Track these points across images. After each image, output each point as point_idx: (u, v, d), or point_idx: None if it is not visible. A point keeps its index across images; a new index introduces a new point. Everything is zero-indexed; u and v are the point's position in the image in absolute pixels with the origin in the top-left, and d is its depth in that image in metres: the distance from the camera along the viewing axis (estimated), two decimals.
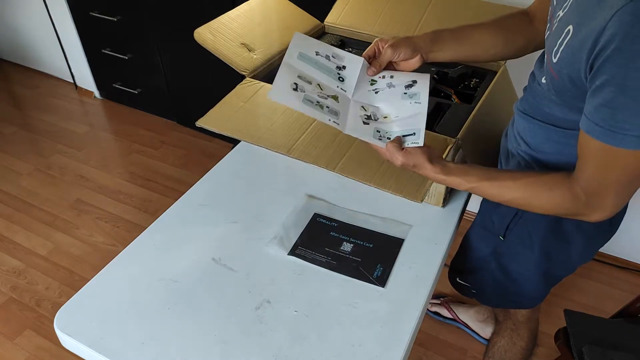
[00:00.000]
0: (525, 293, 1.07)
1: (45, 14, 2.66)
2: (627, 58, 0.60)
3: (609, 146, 0.66)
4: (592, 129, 0.67)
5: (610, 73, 0.62)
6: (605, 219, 0.76)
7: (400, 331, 0.79)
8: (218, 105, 1.12)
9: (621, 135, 0.64)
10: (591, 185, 0.73)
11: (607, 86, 0.63)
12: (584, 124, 0.69)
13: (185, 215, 0.99)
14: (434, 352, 1.63)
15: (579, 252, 0.96)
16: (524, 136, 0.90)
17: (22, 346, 1.65)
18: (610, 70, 0.62)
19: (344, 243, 0.93)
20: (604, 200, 0.73)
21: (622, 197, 0.73)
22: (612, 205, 0.74)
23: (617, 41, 0.60)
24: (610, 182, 0.71)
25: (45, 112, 2.78)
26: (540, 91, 0.83)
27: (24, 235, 2.05)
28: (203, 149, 2.51)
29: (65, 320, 0.81)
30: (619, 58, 0.61)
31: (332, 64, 0.96)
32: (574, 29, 0.69)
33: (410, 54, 0.95)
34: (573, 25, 0.70)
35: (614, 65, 0.62)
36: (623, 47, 0.60)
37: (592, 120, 0.67)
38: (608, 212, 0.75)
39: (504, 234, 0.99)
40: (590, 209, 0.75)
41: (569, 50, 0.70)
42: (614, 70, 0.62)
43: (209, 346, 0.77)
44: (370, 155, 1.02)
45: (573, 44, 0.69)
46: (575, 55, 0.68)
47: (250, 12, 1.32)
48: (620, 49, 0.60)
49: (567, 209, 0.77)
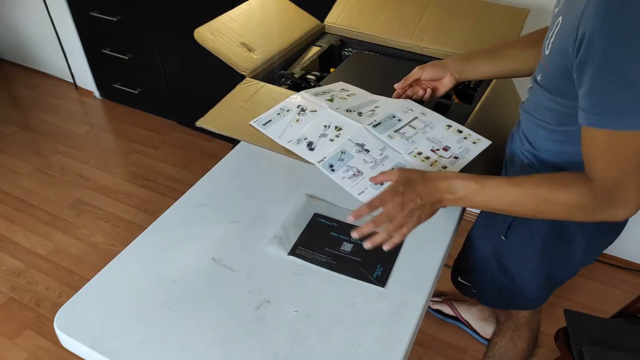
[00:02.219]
0: (525, 294, 1.07)
1: (45, 14, 2.66)
2: (608, 39, 0.59)
3: (616, 131, 0.64)
4: (593, 119, 0.65)
5: (593, 57, 0.61)
6: (633, 214, 0.71)
7: (400, 331, 0.79)
8: (218, 105, 1.12)
9: (627, 117, 0.62)
10: (608, 179, 0.69)
11: (592, 72, 0.62)
12: (583, 117, 0.67)
13: (185, 215, 0.99)
14: (434, 352, 1.63)
15: (580, 253, 0.96)
16: (528, 136, 0.90)
17: (22, 346, 1.65)
18: (592, 55, 0.61)
19: (344, 243, 0.93)
20: (624, 193, 0.69)
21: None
22: (635, 198, 0.69)
23: (593, 26, 0.59)
24: (627, 172, 0.67)
25: (45, 112, 2.78)
26: (537, 89, 0.83)
27: (24, 235, 2.05)
28: (203, 149, 2.51)
29: (65, 320, 0.81)
30: (597, 42, 0.60)
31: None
32: (562, 19, 0.70)
33: (438, 73, 1.00)
34: (562, 15, 0.70)
35: (594, 49, 0.61)
36: (600, 31, 0.59)
37: (590, 111, 0.65)
38: (633, 205, 0.69)
39: (506, 233, 0.99)
40: (612, 205, 0.70)
41: (557, 40, 0.70)
42: (595, 53, 0.61)
43: (209, 346, 0.77)
44: None
45: (560, 33, 0.69)
46: (562, 43, 0.68)
47: (250, 12, 1.32)
48: (597, 33, 0.59)
49: (587, 207, 0.72)
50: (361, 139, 0.98)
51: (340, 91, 1.13)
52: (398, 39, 1.34)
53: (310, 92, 1.11)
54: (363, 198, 0.89)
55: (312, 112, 1.05)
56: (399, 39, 1.34)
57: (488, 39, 1.25)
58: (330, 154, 0.96)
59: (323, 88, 1.14)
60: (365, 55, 1.35)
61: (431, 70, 1.02)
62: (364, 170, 0.93)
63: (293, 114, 1.05)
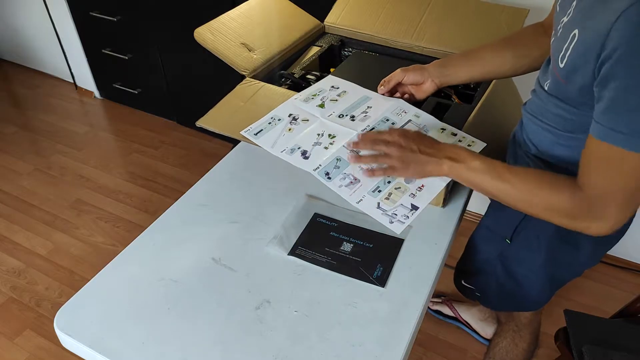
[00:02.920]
0: (530, 296, 1.07)
1: (45, 14, 2.66)
2: (635, 60, 0.60)
3: (619, 149, 0.65)
4: (602, 133, 0.66)
5: (619, 76, 0.62)
6: (606, 233, 0.73)
7: (400, 331, 0.79)
8: (218, 105, 1.12)
9: (632, 138, 0.63)
10: (596, 192, 0.71)
11: (616, 89, 0.63)
12: (597, 130, 0.68)
13: (185, 215, 0.99)
14: (434, 352, 1.63)
15: (586, 256, 0.96)
16: (533, 139, 0.90)
17: (22, 346, 1.65)
18: (619, 73, 0.62)
19: (344, 243, 0.93)
20: (607, 208, 0.71)
21: (626, 208, 0.70)
22: (614, 216, 0.71)
23: (624, 44, 0.60)
24: (617, 189, 0.69)
25: (45, 112, 2.78)
26: (544, 96, 0.83)
27: (24, 235, 2.05)
28: (203, 149, 2.51)
29: (65, 320, 0.81)
30: (626, 60, 0.61)
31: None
32: (579, 33, 0.69)
33: (419, 77, 1.01)
34: (578, 29, 0.69)
35: (622, 67, 0.62)
36: (630, 50, 0.60)
37: (602, 123, 0.66)
38: (610, 224, 0.72)
39: (511, 237, 0.99)
40: (590, 218, 0.72)
41: (575, 55, 0.70)
42: (622, 72, 0.62)
43: (209, 346, 0.77)
44: None
45: (579, 48, 0.69)
46: (581, 58, 0.68)
47: (250, 12, 1.32)
48: (627, 52, 0.60)
49: (567, 213, 0.74)
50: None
51: (331, 90, 1.12)
52: (398, 39, 1.34)
53: (301, 98, 1.10)
54: (361, 206, 0.89)
55: (304, 121, 1.05)
56: (398, 39, 1.34)
57: (488, 39, 1.25)
58: (326, 162, 0.96)
59: (313, 88, 1.14)
60: (365, 55, 1.35)
61: (413, 75, 1.02)
62: (360, 178, 0.93)
63: (285, 123, 1.04)
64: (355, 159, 0.89)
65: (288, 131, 1.03)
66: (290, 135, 1.02)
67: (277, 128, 1.04)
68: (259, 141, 1.02)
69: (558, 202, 0.75)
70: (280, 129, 1.03)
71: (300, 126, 1.04)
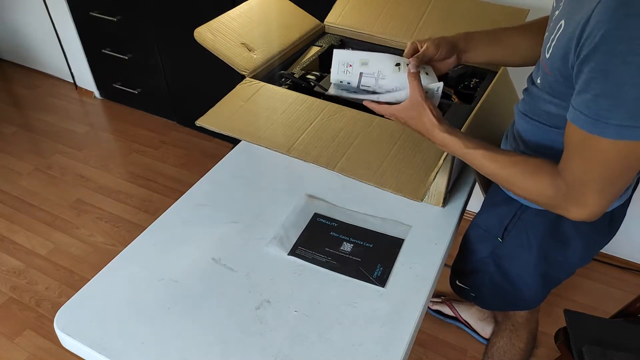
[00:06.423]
0: (524, 295, 1.07)
1: (45, 14, 2.66)
2: (611, 45, 0.60)
3: (592, 136, 0.65)
4: (576, 117, 0.67)
5: (595, 60, 0.62)
6: (586, 219, 0.74)
7: (400, 331, 0.79)
8: (218, 105, 1.12)
9: (603, 124, 0.63)
10: (573, 178, 0.71)
11: (591, 74, 0.63)
12: (569, 113, 0.69)
13: (185, 215, 0.99)
14: (434, 352, 1.63)
15: (577, 254, 0.96)
16: (523, 136, 0.90)
17: (22, 346, 1.65)
18: (595, 58, 0.62)
19: (344, 243, 0.93)
20: (584, 195, 0.71)
21: (604, 196, 0.71)
22: (592, 204, 0.72)
23: (602, 29, 0.60)
24: (593, 177, 0.69)
25: (45, 112, 2.78)
26: (536, 91, 0.83)
27: (24, 235, 2.05)
28: (203, 149, 2.51)
29: (65, 320, 0.81)
30: (603, 46, 0.61)
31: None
32: (565, 23, 0.70)
33: (449, 52, 0.95)
34: (565, 20, 0.70)
35: (598, 53, 0.62)
36: (607, 35, 0.60)
37: (576, 108, 0.67)
38: (588, 211, 0.72)
39: (502, 235, 0.99)
40: (569, 202, 0.73)
41: (559, 44, 0.70)
42: (599, 57, 0.62)
43: (209, 346, 0.77)
44: (370, 154, 1.02)
45: (563, 37, 0.69)
46: (564, 47, 0.68)
47: (250, 12, 1.32)
48: (604, 36, 0.60)
49: (548, 197, 0.76)
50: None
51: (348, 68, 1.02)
52: (398, 39, 1.34)
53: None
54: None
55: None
56: (399, 39, 1.34)
57: None
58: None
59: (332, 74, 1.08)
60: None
61: (445, 50, 0.94)
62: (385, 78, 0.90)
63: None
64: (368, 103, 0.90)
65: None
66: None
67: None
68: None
69: (539, 189, 0.77)
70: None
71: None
